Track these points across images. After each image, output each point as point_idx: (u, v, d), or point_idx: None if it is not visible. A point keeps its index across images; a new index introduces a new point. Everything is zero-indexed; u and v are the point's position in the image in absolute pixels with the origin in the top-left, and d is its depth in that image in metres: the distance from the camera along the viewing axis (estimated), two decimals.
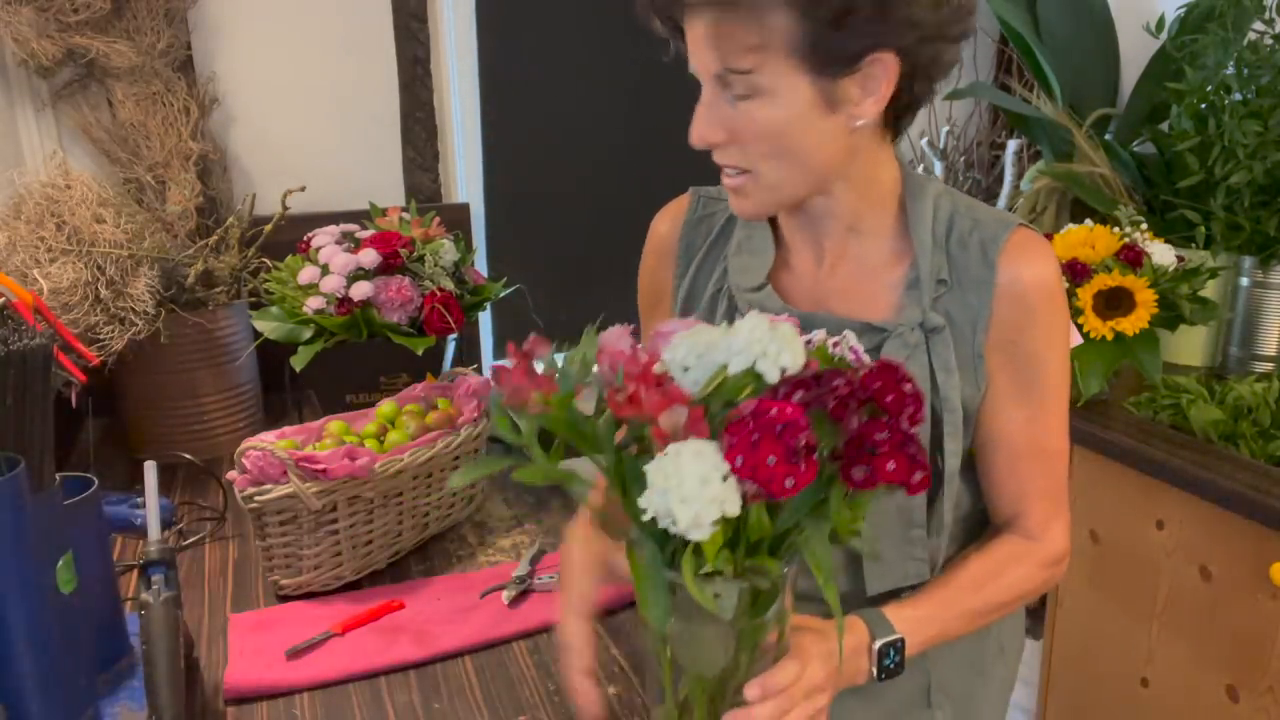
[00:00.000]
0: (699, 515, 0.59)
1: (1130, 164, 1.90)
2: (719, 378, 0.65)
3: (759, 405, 0.61)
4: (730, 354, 0.64)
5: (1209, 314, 1.58)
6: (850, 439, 0.63)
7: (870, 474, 0.62)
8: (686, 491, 0.60)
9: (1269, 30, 1.66)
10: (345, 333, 1.43)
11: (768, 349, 0.64)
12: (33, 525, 0.78)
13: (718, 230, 0.99)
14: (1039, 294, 0.86)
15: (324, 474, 1.06)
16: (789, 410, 0.60)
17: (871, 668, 0.82)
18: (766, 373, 0.63)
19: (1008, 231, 0.87)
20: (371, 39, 1.80)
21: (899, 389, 0.64)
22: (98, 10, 1.53)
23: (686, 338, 0.67)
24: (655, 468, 0.61)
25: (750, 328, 0.65)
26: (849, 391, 0.63)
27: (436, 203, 1.91)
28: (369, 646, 1.00)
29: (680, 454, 0.61)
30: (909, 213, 0.90)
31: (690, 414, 0.63)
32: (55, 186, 1.37)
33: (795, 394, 0.63)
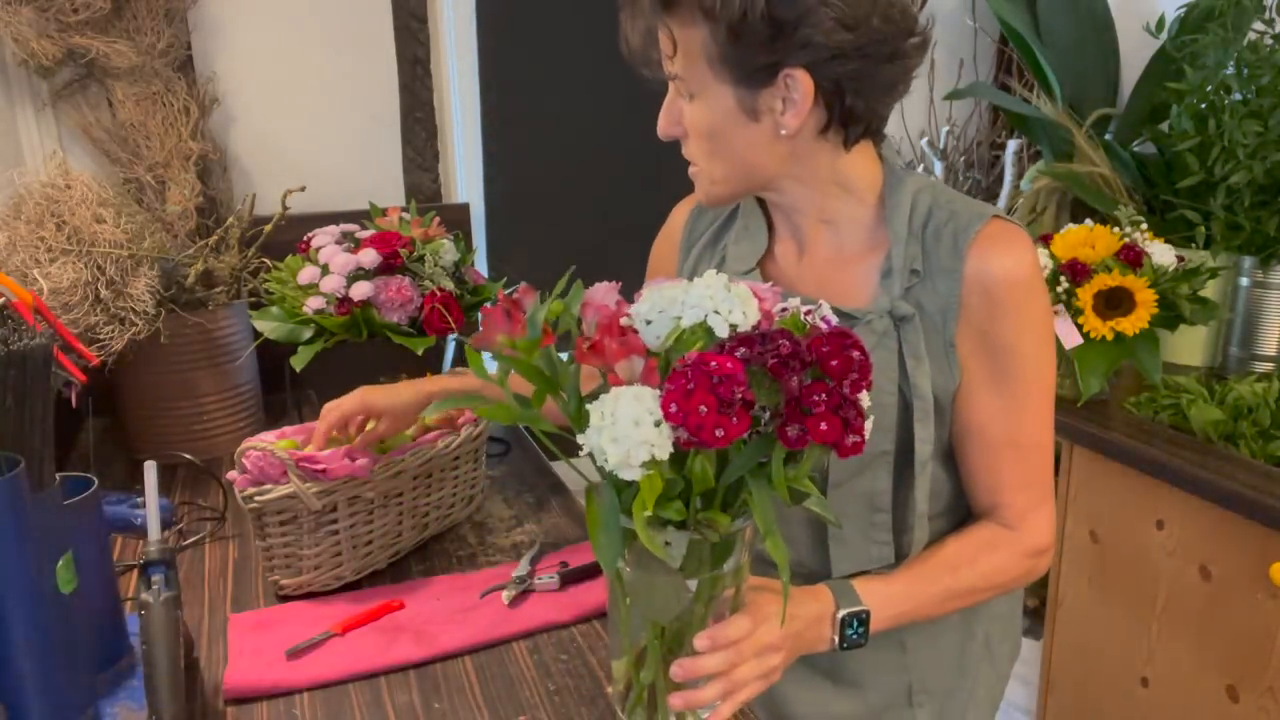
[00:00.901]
0: (629, 455, 0.63)
1: (1130, 164, 1.90)
2: (676, 332, 0.68)
3: (699, 357, 0.64)
4: (685, 308, 0.68)
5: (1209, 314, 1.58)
6: (789, 399, 0.65)
7: (803, 433, 0.65)
8: (619, 431, 0.63)
9: (1269, 30, 1.66)
10: (345, 333, 1.43)
11: (719, 305, 0.67)
12: (33, 525, 0.78)
13: (724, 219, 1.05)
14: (1007, 285, 0.87)
15: (324, 474, 1.06)
16: (728, 364, 0.63)
17: (834, 636, 0.84)
18: (716, 327, 0.67)
19: (980, 223, 0.88)
20: (371, 39, 1.80)
21: (845, 355, 0.66)
22: (98, 10, 1.53)
23: (651, 292, 0.71)
24: (595, 407, 0.65)
25: (705, 284, 0.68)
26: (790, 351, 0.65)
27: (436, 203, 1.91)
28: (369, 646, 1.00)
29: (619, 397, 0.64)
30: (886, 205, 0.92)
31: (646, 364, 0.66)
32: (55, 186, 1.37)
33: (738, 350, 0.66)
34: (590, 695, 0.93)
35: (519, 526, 1.30)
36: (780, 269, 0.99)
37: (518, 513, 1.34)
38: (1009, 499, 0.92)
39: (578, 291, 0.75)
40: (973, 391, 0.90)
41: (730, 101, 0.86)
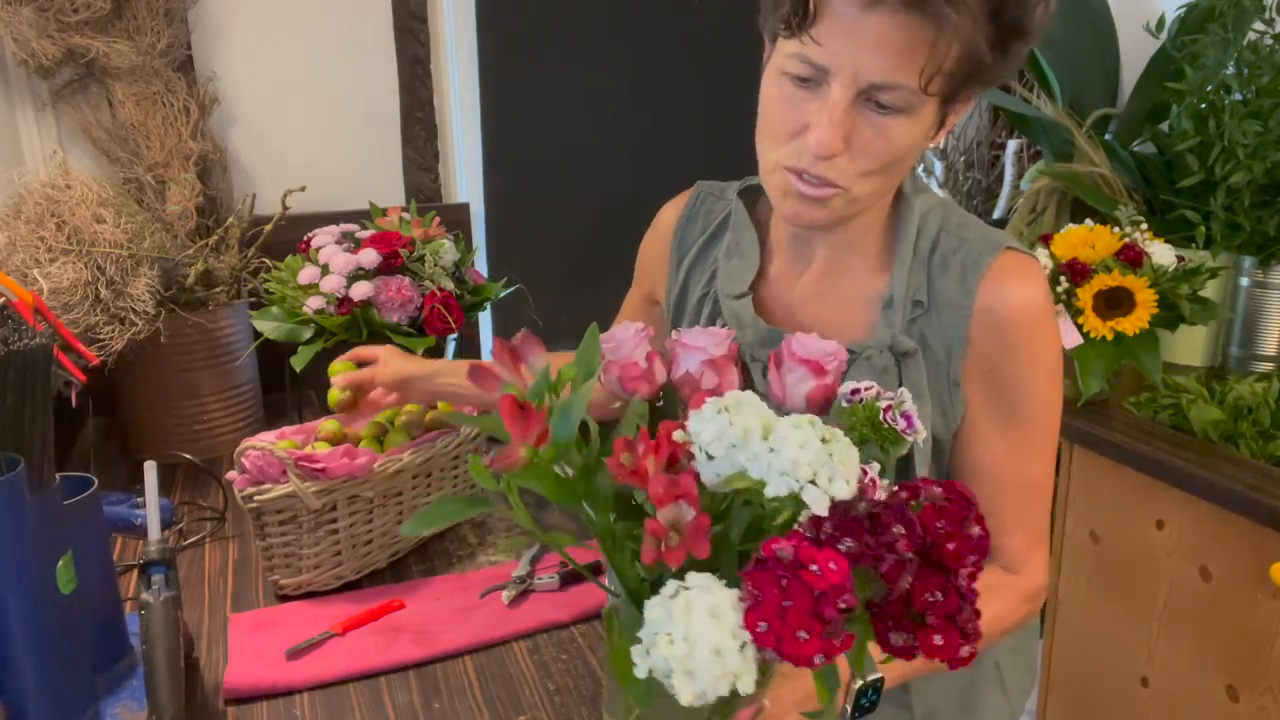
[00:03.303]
0: (706, 692, 0.48)
1: (1130, 164, 1.89)
2: (742, 482, 0.52)
3: (797, 554, 0.48)
4: (770, 471, 0.51)
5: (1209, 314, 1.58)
6: (896, 598, 0.51)
7: (910, 645, 0.51)
8: (696, 662, 0.47)
9: (1269, 30, 1.66)
10: (345, 333, 1.43)
11: (819, 472, 0.51)
12: (33, 525, 0.78)
13: (712, 230, 0.97)
14: (1019, 322, 0.82)
15: (323, 474, 1.06)
16: (833, 570, 0.48)
17: (846, 706, 0.78)
18: (813, 504, 0.50)
19: (992, 255, 0.83)
20: (371, 39, 1.80)
21: (963, 534, 0.51)
22: (98, 10, 1.53)
23: (720, 415, 0.53)
24: (659, 615, 0.49)
25: (801, 441, 0.51)
26: (911, 550, 0.50)
27: (436, 203, 1.91)
28: (369, 646, 1.00)
29: (692, 608, 0.48)
30: (894, 228, 0.87)
31: (695, 523, 0.51)
32: (55, 186, 1.37)
33: (842, 542, 0.50)
34: (590, 695, 0.93)
35: (519, 526, 1.29)
36: (775, 292, 0.92)
37: None
38: (1011, 541, 0.87)
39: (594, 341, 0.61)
40: (977, 431, 0.85)
41: (933, 117, 0.77)
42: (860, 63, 0.71)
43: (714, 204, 0.99)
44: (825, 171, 0.76)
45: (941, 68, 0.71)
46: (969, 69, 0.72)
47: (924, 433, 0.65)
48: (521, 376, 0.60)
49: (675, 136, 2.15)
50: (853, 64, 0.72)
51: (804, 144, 0.76)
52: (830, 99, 0.73)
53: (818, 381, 0.64)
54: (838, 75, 0.73)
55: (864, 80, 0.72)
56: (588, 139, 2.08)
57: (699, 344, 0.65)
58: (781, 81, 0.77)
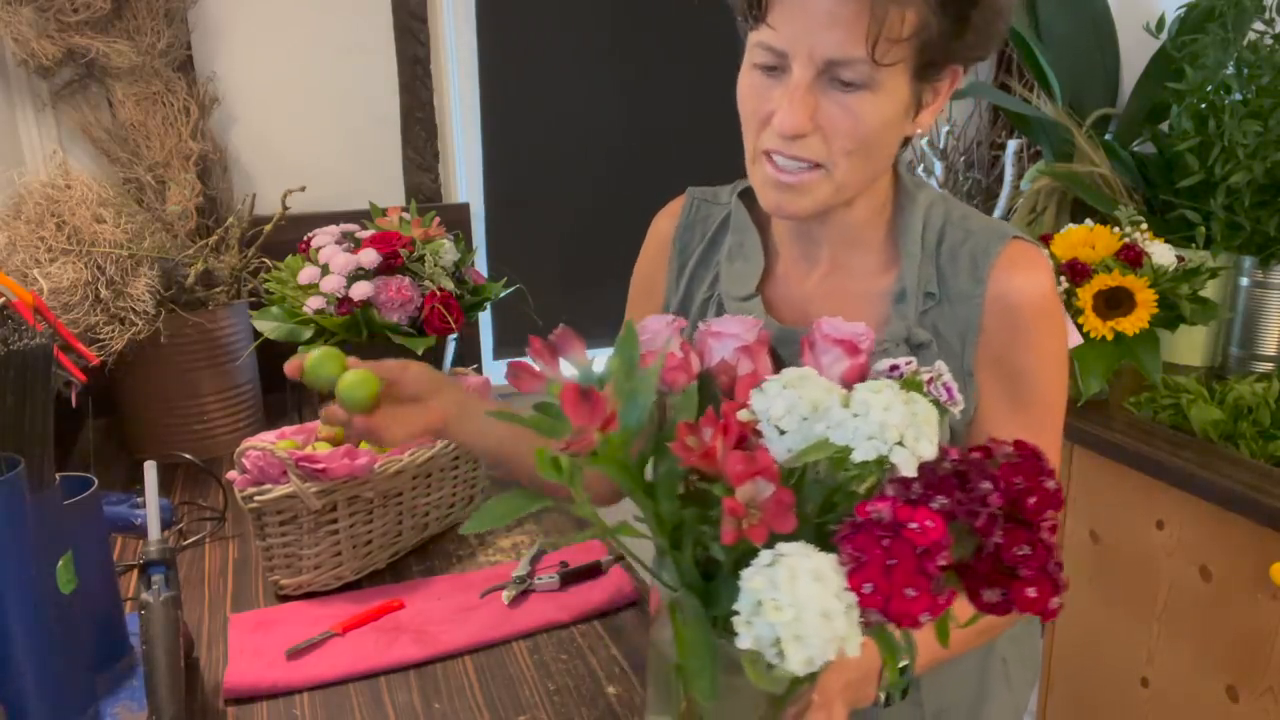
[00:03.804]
0: (814, 657, 0.47)
1: (1130, 164, 1.89)
2: (819, 453, 0.51)
3: (896, 515, 0.48)
4: (857, 436, 0.50)
5: (1209, 314, 1.58)
6: (986, 555, 0.51)
7: (1006, 599, 0.51)
8: (805, 627, 0.47)
9: (1269, 30, 1.66)
10: (345, 333, 1.43)
11: (906, 434, 0.50)
12: (33, 525, 0.78)
13: (711, 235, 0.97)
14: (1030, 309, 0.83)
15: (324, 474, 1.06)
16: (931, 527, 0.48)
17: (879, 693, 0.80)
18: (902, 465, 0.50)
19: (1001, 244, 0.84)
20: (371, 39, 1.80)
21: (1042, 488, 0.52)
22: (98, 10, 1.53)
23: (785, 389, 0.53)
24: (761, 584, 0.48)
25: (885, 404, 0.51)
26: (1001, 504, 0.50)
27: (436, 203, 1.91)
28: (369, 646, 1.00)
29: (796, 574, 0.48)
30: (898, 223, 0.87)
31: (776, 498, 0.50)
32: (55, 186, 1.37)
33: (934, 499, 0.50)
34: (590, 695, 0.93)
35: (519, 526, 1.29)
36: (783, 293, 0.92)
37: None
38: None
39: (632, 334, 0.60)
40: (988, 419, 0.86)
41: (905, 94, 0.77)
42: (814, 41, 0.73)
43: (709, 209, 0.98)
44: (798, 150, 0.77)
45: (889, 35, 0.72)
46: (924, 39, 0.73)
47: (962, 403, 0.65)
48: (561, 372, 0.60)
49: (676, 136, 2.15)
50: (807, 43, 0.74)
51: (773, 129, 0.78)
52: (791, 80, 0.75)
53: (852, 361, 0.64)
54: (796, 56, 0.75)
55: (820, 57, 0.74)
56: (588, 139, 2.08)
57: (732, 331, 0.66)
58: (751, 73, 0.79)
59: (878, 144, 0.78)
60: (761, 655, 0.49)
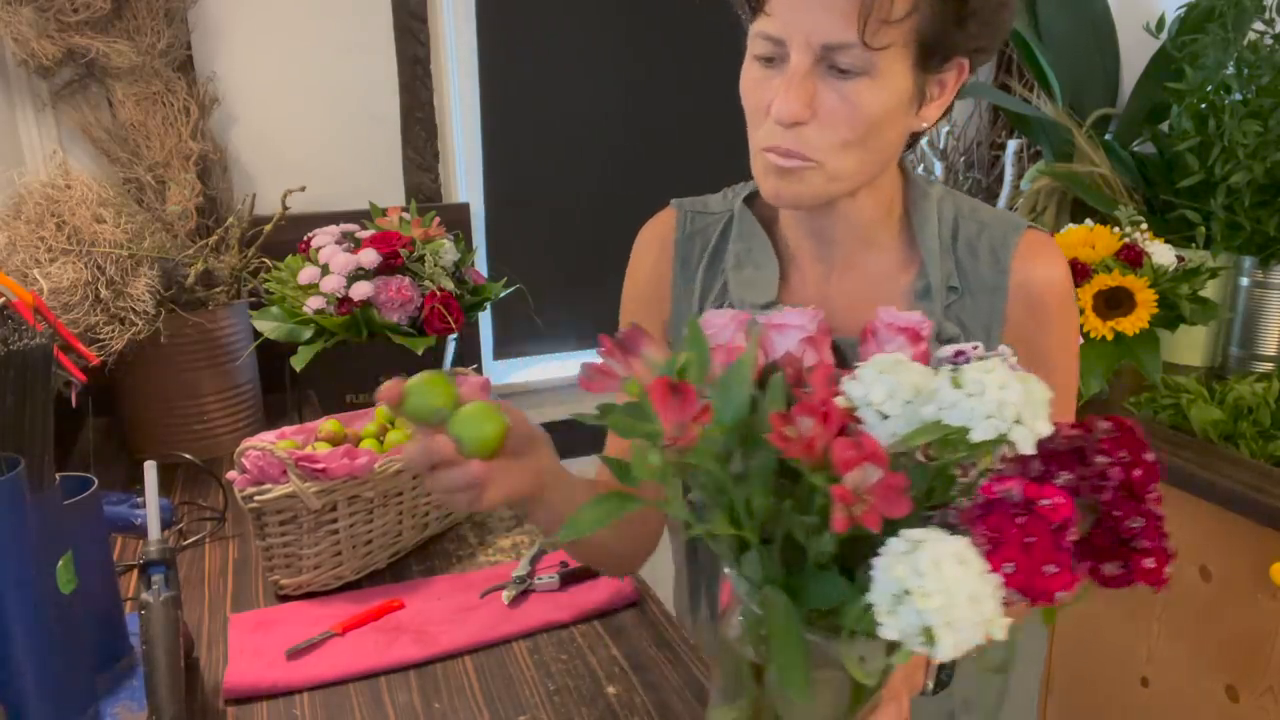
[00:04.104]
0: (960, 643, 0.46)
1: (1130, 164, 1.90)
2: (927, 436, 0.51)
3: (1026, 493, 0.48)
4: (974, 416, 0.49)
5: (1209, 314, 1.59)
6: (1102, 528, 0.52)
7: (1126, 572, 0.51)
8: (956, 613, 0.46)
9: (1269, 30, 1.66)
10: (345, 333, 1.43)
11: (1024, 413, 0.49)
12: (33, 525, 0.78)
13: (713, 245, 0.95)
14: (1052, 296, 0.85)
15: (324, 474, 1.06)
16: (1062, 503, 0.48)
17: (928, 681, 0.81)
18: (1021, 443, 0.49)
19: (1018, 233, 0.85)
20: (371, 39, 1.80)
21: (1145, 461, 0.52)
22: (98, 10, 1.53)
23: (882, 372, 0.53)
24: (904, 572, 0.47)
25: (1000, 382, 0.50)
26: (1123, 479, 0.50)
27: (436, 203, 1.91)
28: (369, 646, 1.00)
29: (940, 560, 0.47)
30: (913, 219, 0.87)
31: (887, 483, 0.49)
32: (55, 186, 1.37)
33: (1057, 475, 0.51)
34: (590, 695, 0.93)
35: (519, 526, 1.30)
36: (801, 297, 0.89)
37: (518, 513, 1.34)
38: None
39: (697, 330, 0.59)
40: None
41: (906, 84, 0.75)
42: (810, 26, 0.72)
43: (703, 219, 0.96)
44: (796, 144, 0.76)
45: (880, 16, 0.71)
46: (920, 23, 0.72)
47: None
48: (635, 370, 0.58)
49: (676, 136, 2.15)
50: (804, 29, 0.73)
51: (773, 120, 0.77)
52: (789, 68, 0.75)
53: (915, 349, 0.63)
54: (793, 43, 0.74)
55: (816, 43, 0.73)
56: (588, 139, 2.08)
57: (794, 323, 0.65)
58: (751, 66, 0.79)
59: (877, 134, 0.77)
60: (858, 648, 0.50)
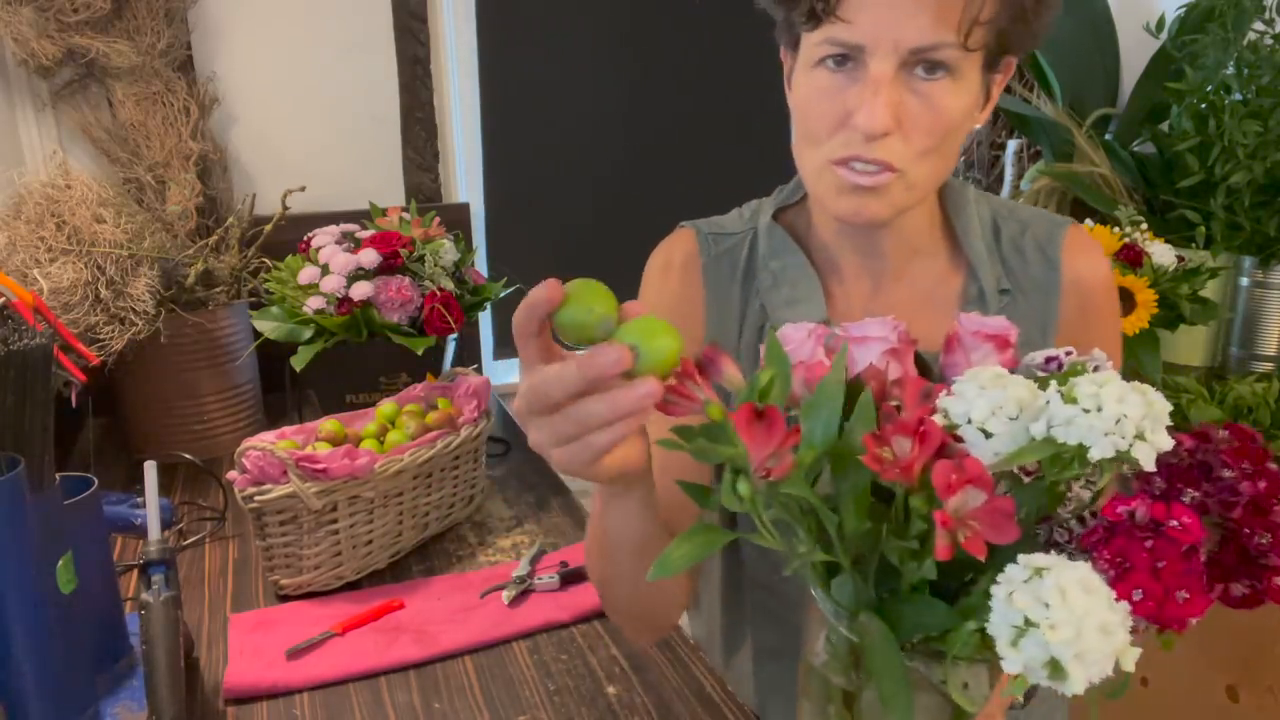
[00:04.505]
0: (1091, 675, 0.44)
1: (1130, 164, 1.89)
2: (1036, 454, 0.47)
3: (1152, 513, 0.45)
4: (1093, 433, 0.45)
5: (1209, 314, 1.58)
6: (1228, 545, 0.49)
7: (1257, 592, 0.48)
8: (1086, 645, 0.43)
9: (1269, 30, 1.66)
10: (345, 333, 1.43)
11: (1144, 427, 0.46)
12: (33, 525, 0.78)
13: (743, 266, 0.89)
14: (1102, 291, 0.84)
15: (324, 474, 1.06)
16: (1190, 523, 0.45)
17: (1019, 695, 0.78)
18: (1143, 460, 0.45)
19: (1063, 230, 0.84)
20: (371, 39, 1.80)
21: (1268, 471, 0.48)
22: (98, 10, 1.53)
23: (983, 386, 0.49)
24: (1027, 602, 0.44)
25: (1118, 395, 0.46)
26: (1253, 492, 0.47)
27: (436, 203, 1.91)
28: (369, 646, 1.00)
29: (1066, 587, 0.44)
30: (956, 224, 0.85)
31: (992, 506, 0.46)
32: (55, 186, 1.37)
33: (1184, 493, 0.47)
34: (590, 695, 0.93)
35: (519, 526, 1.29)
36: (847, 312, 0.86)
37: (518, 513, 1.34)
38: None
39: (777, 346, 0.56)
40: None
41: (978, 84, 0.73)
42: (899, 30, 0.68)
43: (726, 240, 0.91)
44: (880, 154, 0.71)
45: (979, 16, 0.67)
46: (1010, 15, 0.69)
47: None
48: (713, 393, 0.55)
49: (676, 136, 2.15)
50: (891, 33, 0.68)
51: (851, 131, 0.71)
52: (871, 76, 0.69)
53: (1002, 356, 0.61)
54: (875, 50, 0.69)
55: (905, 47, 0.68)
56: (588, 139, 2.09)
57: (875, 334, 0.62)
58: (815, 75, 0.73)
59: (953, 138, 0.74)
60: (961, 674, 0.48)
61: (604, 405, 0.52)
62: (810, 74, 0.74)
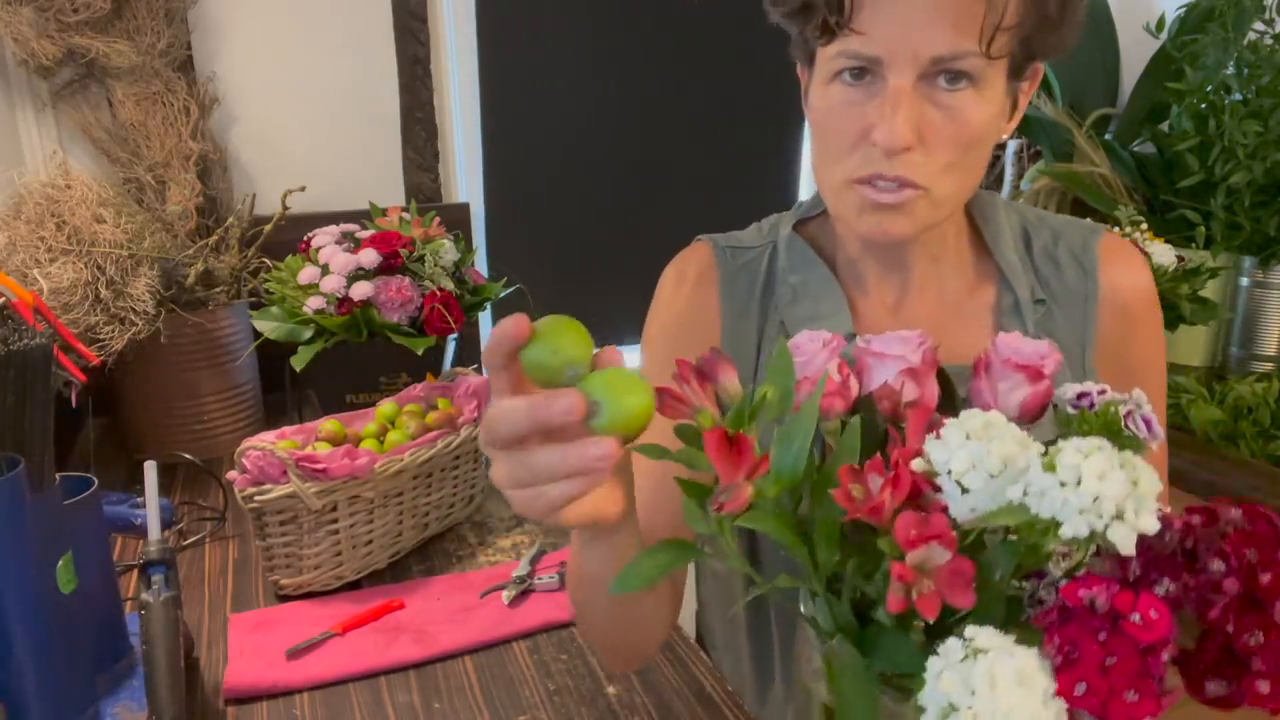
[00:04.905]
0: None
1: (1130, 164, 1.90)
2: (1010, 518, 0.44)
3: (1114, 603, 0.41)
4: (1066, 509, 0.42)
5: (1209, 314, 1.59)
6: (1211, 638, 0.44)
7: (1234, 693, 0.44)
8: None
9: (1269, 30, 1.66)
10: (345, 333, 1.43)
11: (1125, 507, 0.42)
12: (33, 525, 0.78)
13: (762, 281, 0.87)
14: (1142, 301, 0.81)
15: (324, 474, 1.06)
16: (1156, 619, 0.40)
17: None
18: (1121, 544, 0.41)
19: (1097, 237, 0.82)
20: (371, 39, 1.80)
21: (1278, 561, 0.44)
22: (98, 10, 1.53)
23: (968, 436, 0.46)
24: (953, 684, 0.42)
25: (1100, 470, 0.42)
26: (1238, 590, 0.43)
27: (436, 203, 1.91)
28: (369, 646, 1.00)
29: (997, 677, 0.41)
30: (985, 232, 0.82)
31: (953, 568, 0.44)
32: (55, 186, 1.37)
33: (1158, 583, 0.43)
34: (590, 695, 0.93)
35: (519, 526, 1.29)
36: (874, 326, 0.83)
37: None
38: None
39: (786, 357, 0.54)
40: None
41: (1003, 93, 0.70)
42: (917, 41, 0.65)
43: (743, 255, 0.89)
44: (902, 170, 0.69)
45: (1001, 22, 0.64)
46: (1035, 20, 0.66)
47: (1162, 435, 0.55)
48: (712, 401, 0.53)
49: (677, 136, 2.15)
50: (909, 45, 0.65)
51: (871, 147, 0.69)
52: (890, 89, 0.67)
53: (1033, 388, 0.56)
54: (894, 62, 0.66)
55: (925, 58, 0.65)
56: (588, 139, 2.09)
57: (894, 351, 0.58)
58: (830, 90, 0.71)
59: (978, 150, 0.71)
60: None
61: (555, 456, 0.50)
62: (827, 89, 0.71)
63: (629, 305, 0.98)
